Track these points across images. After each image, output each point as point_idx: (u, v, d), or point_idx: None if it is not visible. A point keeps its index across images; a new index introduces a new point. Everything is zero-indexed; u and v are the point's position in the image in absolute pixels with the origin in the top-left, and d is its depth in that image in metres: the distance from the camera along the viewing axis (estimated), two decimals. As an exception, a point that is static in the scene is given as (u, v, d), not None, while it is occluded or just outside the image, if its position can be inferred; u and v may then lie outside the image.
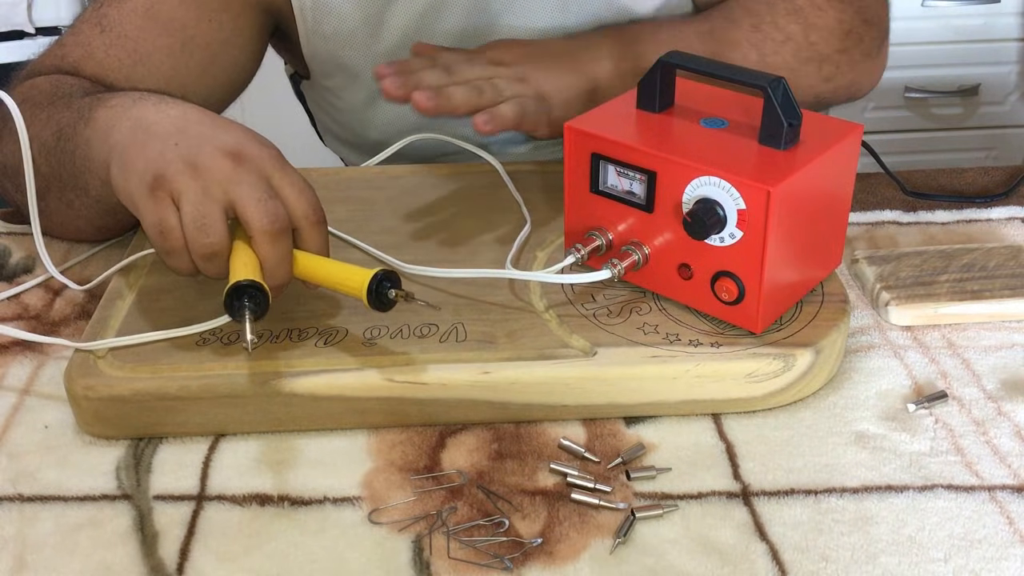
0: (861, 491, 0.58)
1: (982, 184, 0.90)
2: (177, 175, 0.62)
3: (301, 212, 0.65)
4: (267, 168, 0.64)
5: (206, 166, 0.62)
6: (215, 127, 0.66)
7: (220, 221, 0.62)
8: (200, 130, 0.65)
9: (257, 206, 0.62)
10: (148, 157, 0.63)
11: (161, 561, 0.54)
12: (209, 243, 0.62)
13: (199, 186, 0.62)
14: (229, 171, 0.62)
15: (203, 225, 0.62)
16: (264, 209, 0.62)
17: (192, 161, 0.63)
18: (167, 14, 0.83)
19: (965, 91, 1.99)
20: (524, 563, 0.54)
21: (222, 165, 0.63)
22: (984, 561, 0.53)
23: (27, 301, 0.76)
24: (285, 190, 0.64)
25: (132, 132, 0.66)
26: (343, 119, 0.99)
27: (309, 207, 0.65)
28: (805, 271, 0.66)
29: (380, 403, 0.62)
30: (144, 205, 0.63)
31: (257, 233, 0.62)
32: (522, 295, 0.69)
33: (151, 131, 0.65)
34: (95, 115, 0.69)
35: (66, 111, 0.73)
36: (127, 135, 0.66)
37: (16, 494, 0.59)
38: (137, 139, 0.65)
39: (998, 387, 0.65)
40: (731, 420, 0.63)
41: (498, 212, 0.80)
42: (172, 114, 0.67)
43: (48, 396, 0.66)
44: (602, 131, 0.65)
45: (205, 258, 0.63)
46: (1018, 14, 1.94)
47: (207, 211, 0.62)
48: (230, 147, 0.64)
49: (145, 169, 0.63)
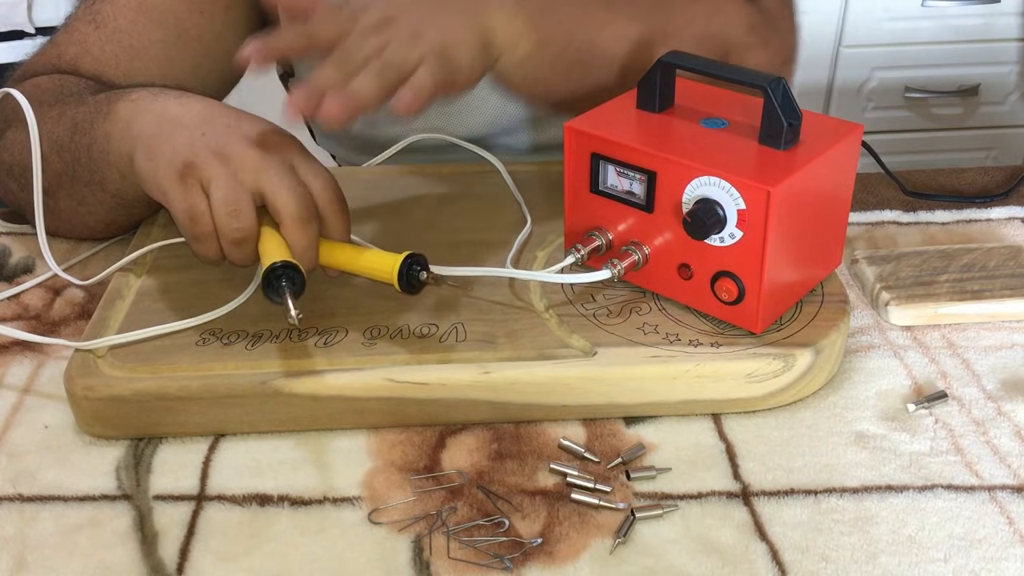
0: (861, 491, 0.58)
1: (982, 184, 0.90)
2: (207, 162, 0.63)
3: (326, 200, 0.66)
4: (292, 157, 0.66)
5: (234, 154, 0.64)
6: (239, 118, 0.68)
7: (250, 207, 0.63)
8: (226, 121, 0.67)
9: (288, 192, 0.63)
10: (176, 145, 0.65)
11: (161, 561, 0.54)
12: (240, 228, 0.63)
13: (228, 172, 0.63)
14: (257, 159, 0.64)
15: (234, 211, 0.63)
16: (295, 195, 0.63)
17: (220, 150, 0.64)
18: (159, 7, 0.84)
19: (965, 91, 1.99)
20: (524, 563, 0.54)
21: (250, 153, 0.64)
22: (984, 561, 0.53)
23: (27, 301, 0.76)
24: (310, 178, 0.66)
25: (157, 123, 0.67)
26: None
27: (333, 195, 0.66)
28: (805, 271, 0.66)
29: (380, 403, 0.62)
30: (174, 191, 0.64)
31: (287, 219, 0.63)
32: (522, 295, 0.69)
33: (177, 122, 0.67)
34: (115, 108, 0.70)
35: (80, 107, 0.74)
36: (151, 127, 0.67)
37: (16, 494, 0.59)
38: (164, 130, 0.66)
39: (998, 387, 0.66)
40: (731, 420, 0.63)
41: (498, 212, 0.80)
42: (195, 108, 0.68)
43: (48, 396, 0.66)
44: (602, 131, 0.65)
45: (235, 243, 0.64)
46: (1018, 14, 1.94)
47: (237, 196, 0.63)
48: (256, 136, 0.66)
49: (174, 156, 0.64)
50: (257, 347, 0.64)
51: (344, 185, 0.68)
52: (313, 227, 0.65)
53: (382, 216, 0.80)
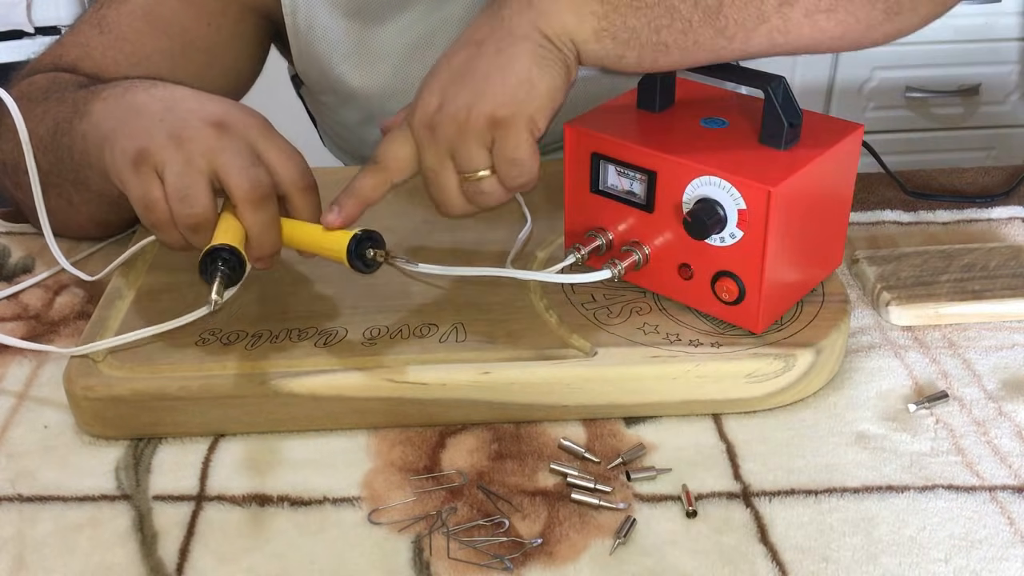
0: (862, 491, 0.58)
1: (982, 184, 0.90)
2: (160, 148, 0.62)
3: (289, 178, 0.65)
4: (252, 135, 0.64)
5: (190, 137, 0.63)
6: (201, 101, 0.66)
7: (204, 192, 0.62)
8: (187, 105, 0.66)
9: (239, 173, 0.62)
10: (133, 133, 0.64)
11: (161, 561, 0.54)
12: (192, 214, 0.62)
13: (182, 157, 0.62)
14: (212, 140, 0.63)
15: (186, 196, 0.62)
16: (246, 176, 0.62)
17: (176, 134, 0.63)
18: (166, 17, 0.83)
19: (965, 91, 1.99)
20: (524, 563, 0.54)
21: (206, 135, 0.63)
22: (985, 561, 0.53)
23: (27, 301, 0.76)
24: (271, 156, 0.64)
25: (122, 116, 0.66)
26: (340, 130, 0.99)
27: (297, 172, 0.65)
28: (805, 271, 0.66)
29: (380, 403, 0.62)
30: (128, 180, 0.63)
31: (239, 201, 0.62)
32: (522, 295, 0.69)
33: (140, 111, 0.66)
34: (89, 108, 0.70)
35: (61, 106, 0.73)
36: (117, 120, 0.66)
37: (16, 494, 0.59)
38: (127, 122, 0.66)
39: (999, 387, 0.65)
40: (731, 420, 0.63)
41: (498, 212, 0.79)
42: (161, 95, 0.67)
43: (48, 396, 0.66)
44: (602, 131, 0.65)
45: (190, 229, 0.63)
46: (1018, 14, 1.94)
47: (190, 182, 0.62)
48: (215, 117, 0.64)
49: (129, 145, 0.63)
50: (257, 347, 0.64)
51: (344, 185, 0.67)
52: (267, 209, 0.63)
53: (382, 216, 0.80)
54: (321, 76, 0.90)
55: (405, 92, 0.89)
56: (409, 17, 0.85)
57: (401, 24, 0.86)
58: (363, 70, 0.88)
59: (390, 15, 0.85)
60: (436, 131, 0.61)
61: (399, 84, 0.88)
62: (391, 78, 0.88)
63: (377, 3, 0.85)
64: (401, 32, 0.86)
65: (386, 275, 0.71)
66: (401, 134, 0.64)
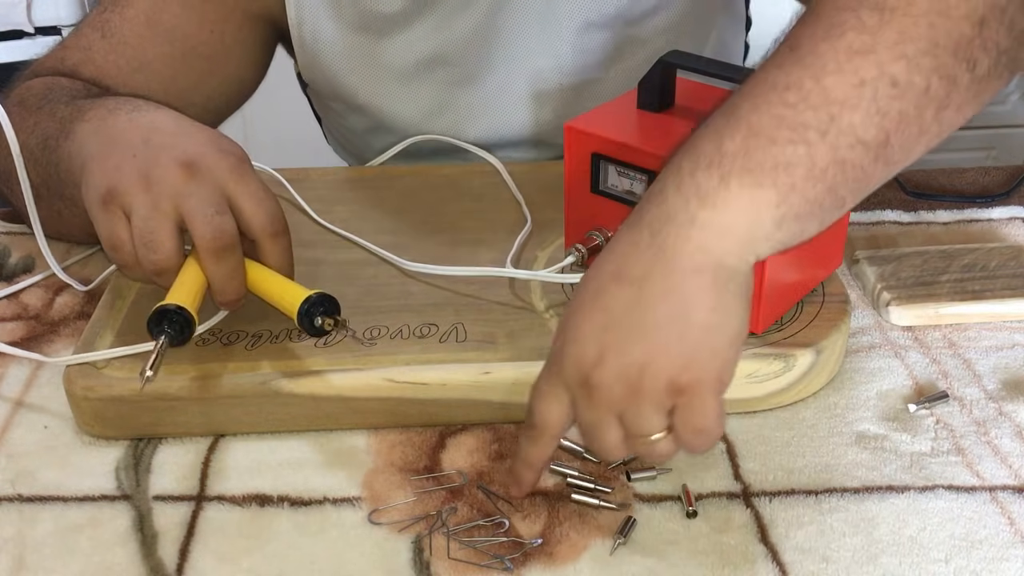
0: (862, 491, 0.58)
1: (982, 184, 0.90)
2: (129, 188, 0.61)
3: (258, 225, 0.63)
4: (223, 179, 0.63)
5: (159, 178, 0.61)
6: (178, 135, 0.65)
7: (169, 237, 0.61)
8: (162, 140, 0.64)
9: (204, 222, 0.61)
10: (106, 169, 0.63)
11: (161, 561, 0.54)
12: (156, 260, 0.61)
13: (149, 200, 0.61)
14: (180, 184, 0.61)
15: (150, 241, 0.61)
16: (210, 225, 0.61)
17: (146, 173, 0.62)
18: (168, 23, 0.83)
19: (965, 91, 1.99)
20: (524, 563, 0.54)
21: (175, 177, 0.61)
22: (985, 562, 0.53)
23: (26, 301, 0.76)
24: (242, 201, 0.63)
25: (101, 144, 0.65)
26: (346, 134, 0.99)
27: (267, 219, 0.64)
28: (806, 271, 0.66)
29: (380, 403, 0.62)
30: (97, 216, 0.62)
31: (201, 250, 0.61)
32: (522, 295, 0.68)
33: (116, 142, 0.65)
34: (74, 128, 0.69)
35: (51, 121, 0.72)
36: (96, 148, 0.65)
37: (16, 494, 0.59)
38: (103, 151, 0.65)
39: (999, 387, 0.65)
40: (732, 420, 0.63)
41: (498, 212, 0.80)
42: (141, 123, 0.66)
43: (48, 396, 0.66)
44: (602, 131, 0.65)
45: (154, 274, 0.62)
46: (1019, 14, 1.94)
47: (155, 227, 0.61)
48: (188, 157, 0.62)
49: (100, 182, 0.62)
50: (257, 347, 0.64)
51: (345, 185, 0.67)
52: (230, 258, 0.62)
53: (382, 216, 0.80)
54: (327, 85, 0.90)
55: (413, 107, 0.89)
56: (416, 33, 0.85)
57: (408, 39, 0.85)
58: (370, 84, 0.88)
59: (396, 30, 0.85)
60: (598, 391, 0.50)
61: (407, 98, 0.88)
62: (399, 92, 0.88)
63: (383, 18, 0.84)
64: (409, 47, 0.86)
65: (386, 275, 0.72)
66: (551, 391, 0.52)
